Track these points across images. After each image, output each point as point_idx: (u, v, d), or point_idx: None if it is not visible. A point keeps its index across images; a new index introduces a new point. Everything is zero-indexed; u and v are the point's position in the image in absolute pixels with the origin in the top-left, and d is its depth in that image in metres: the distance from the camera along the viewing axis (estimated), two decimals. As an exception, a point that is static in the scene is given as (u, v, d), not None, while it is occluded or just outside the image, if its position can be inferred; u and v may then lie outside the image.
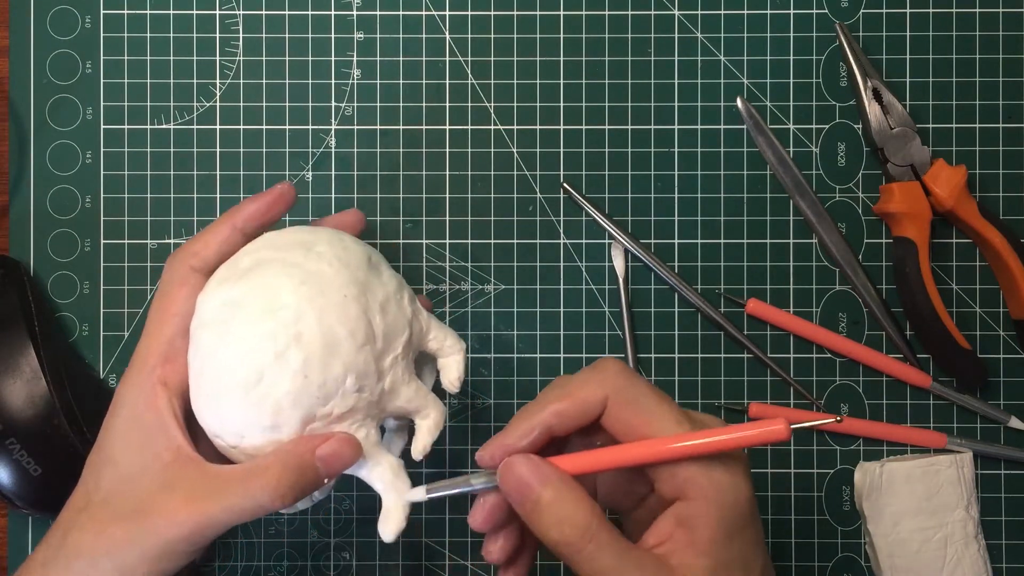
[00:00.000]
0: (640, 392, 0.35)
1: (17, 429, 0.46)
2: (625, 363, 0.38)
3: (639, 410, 0.35)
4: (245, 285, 0.37)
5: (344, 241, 0.39)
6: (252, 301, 0.37)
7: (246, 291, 0.37)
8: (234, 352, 0.36)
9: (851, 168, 0.51)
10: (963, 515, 0.50)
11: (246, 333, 0.36)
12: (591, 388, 0.36)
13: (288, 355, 0.36)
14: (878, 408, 0.51)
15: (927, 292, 0.49)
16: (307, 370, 0.36)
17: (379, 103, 0.51)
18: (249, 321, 0.37)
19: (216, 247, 0.40)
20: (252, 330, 0.36)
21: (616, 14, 0.51)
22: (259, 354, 0.36)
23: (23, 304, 0.48)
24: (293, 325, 0.36)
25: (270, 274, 0.37)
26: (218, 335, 0.37)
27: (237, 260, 0.39)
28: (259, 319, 0.36)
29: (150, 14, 0.51)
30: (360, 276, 0.38)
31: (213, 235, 0.40)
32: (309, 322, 0.36)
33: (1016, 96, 0.51)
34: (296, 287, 0.37)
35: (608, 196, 0.51)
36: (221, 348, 0.37)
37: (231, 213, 0.40)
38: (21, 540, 0.50)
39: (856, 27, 0.51)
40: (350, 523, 0.51)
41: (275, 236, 0.40)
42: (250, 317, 0.37)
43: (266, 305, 0.37)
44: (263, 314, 0.36)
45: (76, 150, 0.51)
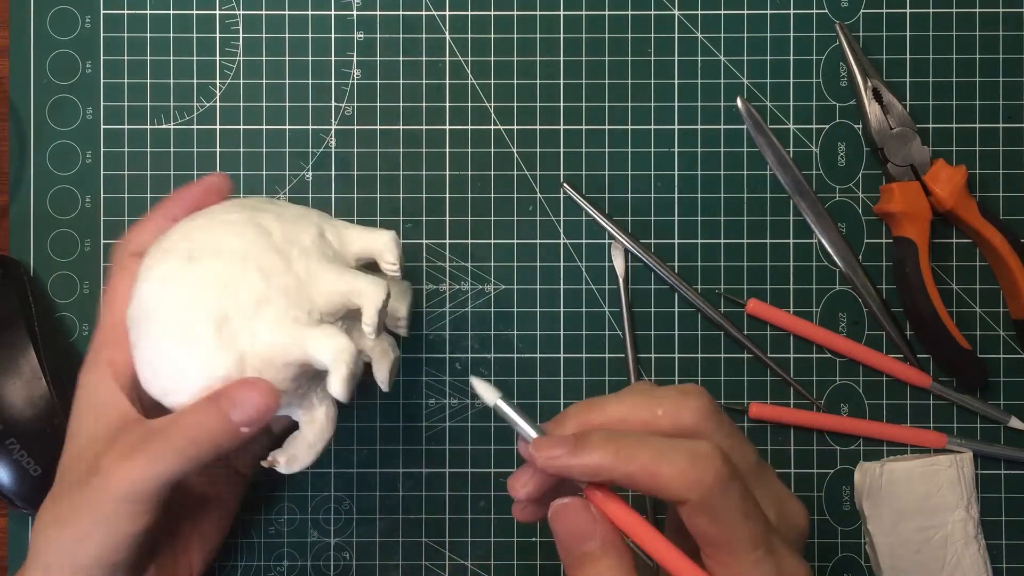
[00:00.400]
0: (729, 497, 0.32)
1: (17, 429, 0.46)
2: (731, 435, 0.34)
3: (715, 520, 0.32)
4: (155, 253, 0.39)
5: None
6: (160, 262, 0.38)
7: (156, 257, 0.39)
8: (155, 307, 0.38)
9: (851, 168, 0.51)
10: (963, 515, 0.50)
11: (157, 288, 0.38)
12: (674, 481, 0.32)
13: (188, 279, 0.37)
14: (878, 408, 0.51)
15: (927, 292, 0.49)
16: (204, 281, 0.37)
17: (379, 103, 0.51)
18: (159, 277, 0.38)
19: (152, 234, 0.41)
20: (162, 283, 0.38)
21: (616, 14, 0.51)
22: (169, 296, 0.37)
23: (23, 304, 0.48)
24: (188, 255, 0.38)
25: (174, 238, 0.39)
26: (137, 301, 0.38)
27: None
28: (165, 273, 0.38)
29: (150, 14, 0.51)
30: (248, 211, 0.39)
31: (149, 223, 0.41)
32: (201, 243, 0.38)
33: (1016, 96, 0.51)
34: (188, 232, 0.39)
35: (608, 196, 0.51)
36: (144, 311, 0.38)
37: (166, 204, 0.42)
38: (21, 540, 0.50)
39: (856, 27, 0.51)
40: (350, 523, 0.51)
41: None
42: (158, 274, 0.38)
43: (169, 260, 0.38)
44: (167, 267, 0.38)
45: (76, 150, 0.51)
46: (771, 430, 0.51)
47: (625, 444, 0.32)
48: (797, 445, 0.51)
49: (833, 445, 0.51)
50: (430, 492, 0.51)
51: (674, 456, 0.32)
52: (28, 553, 0.39)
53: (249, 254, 0.37)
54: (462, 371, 0.51)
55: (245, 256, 0.37)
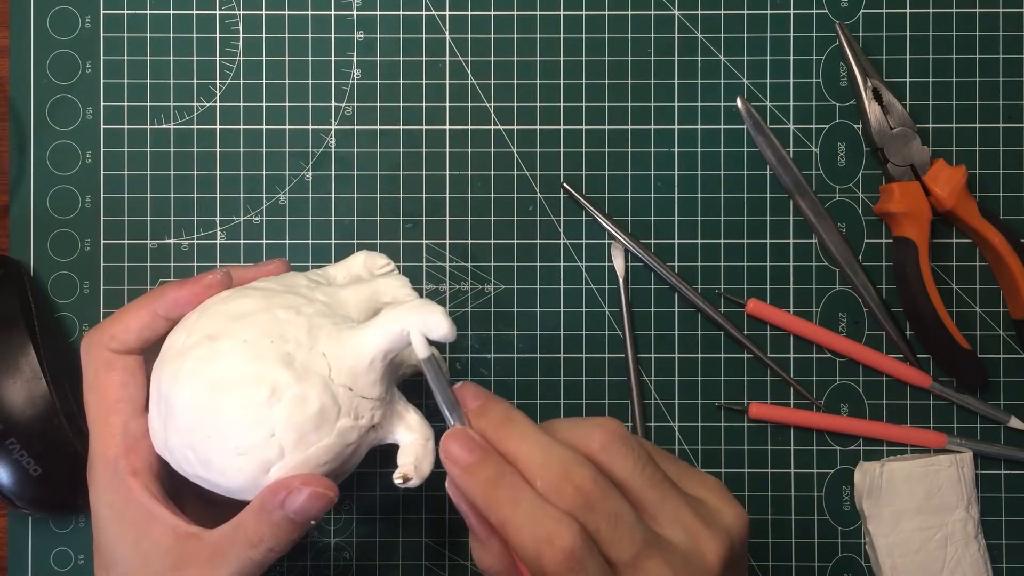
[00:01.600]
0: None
1: (17, 429, 0.46)
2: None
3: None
4: (176, 349, 0.37)
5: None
6: (190, 353, 0.36)
7: (182, 351, 0.37)
8: (219, 394, 0.36)
9: (851, 168, 0.51)
10: (963, 515, 0.50)
11: (210, 371, 0.36)
12: (524, 553, 0.33)
13: (234, 348, 0.36)
14: (878, 408, 0.51)
15: (927, 292, 0.49)
16: (248, 342, 0.36)
17: (379, 103, 0.51)
18: (202, 359, 0.36)
19: (137, 332, 0.38)
20: (209, 368, 0.36)
21: (616, 14, 0.51)
22: (226, 372, 0.36)
23: (23, 304, 0.48)
24: (210, 335, 0.36)
25: (186, 330, 0.37)
26: (188, 400, 0.36)
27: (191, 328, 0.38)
28: (204, 356, 0.36)
29: (150, 14, 0.51)
30: (232, 290, 0.39)
31: (133, 319, 0.39)
32: (214, 321, 0.37)
33: (1016, 96, 0.51)
34: (193, 323, 0.37)
35: (608, 196, 0.51)
36: (204, 408, 0.36)
37: (153, 297, 0.39)
38: (21, 540, 0.50)
39: (856, 27, 0.51)
40: (350, 523, 0.51)
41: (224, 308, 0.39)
42: (200, 358, 0.36)
43: (202, 345, 0.36)
44: (203, 352, 0.36)
45: (76, 150, 0.51)
46: (771, 430, 0.51)
47: (500, 496, 0.34)
48: (797, 445, 0.51)
49: (833, 445, 0.51)
50: (430, 492, 0.50)
51: (527, 531, 0.33)
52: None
53: (269, 304, 0.37)
54: (462, 371, 0.51)
55: (268, 307, 0.36)
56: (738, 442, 0.51)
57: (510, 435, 0.35)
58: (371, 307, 0.39)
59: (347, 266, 0.42)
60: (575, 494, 0.33)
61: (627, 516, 0.34)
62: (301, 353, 0.36)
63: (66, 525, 0.50)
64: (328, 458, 0.36)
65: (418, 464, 0.38)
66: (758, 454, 0.51)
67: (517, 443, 0.35)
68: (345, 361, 0.36)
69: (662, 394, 0.51)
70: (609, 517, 0.33)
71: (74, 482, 0.47)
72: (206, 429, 0.35)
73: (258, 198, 0.51)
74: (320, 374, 0.36)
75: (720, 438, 0.51)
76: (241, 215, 0.51)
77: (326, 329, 0.36)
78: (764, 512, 0.51)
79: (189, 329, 0.37)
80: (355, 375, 0.36)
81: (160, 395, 0.37)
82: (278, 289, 0.38)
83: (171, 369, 0.37)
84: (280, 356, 0.35)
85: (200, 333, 0.36)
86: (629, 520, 0.34)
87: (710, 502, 0.36)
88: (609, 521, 0.33)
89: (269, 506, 0.36)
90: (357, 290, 0.39)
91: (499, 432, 0.35)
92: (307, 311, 0.37)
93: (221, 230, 0.51)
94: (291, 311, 0.36)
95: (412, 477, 0.38)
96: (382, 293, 0.39)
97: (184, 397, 0.36)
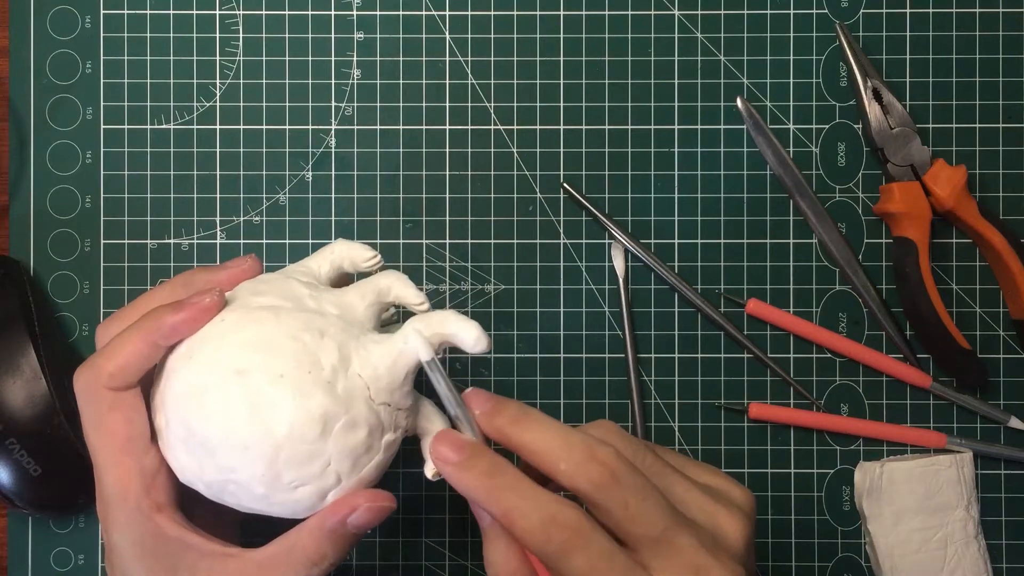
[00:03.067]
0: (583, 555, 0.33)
1: (17, 429, 0.46)
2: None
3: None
4: (201, 382, 0.36)
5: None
6: (224, 387, 0.35)
7: (205, 386, 0.36)
8: (258, 423, 0.35)
9: (851, 168, 0.51)
10: (963, 515, 0.50)
11: (250, 402, 0.35)
12: (525, 536, 0.33)
13: (264, 379, 0.35)
14: (878, 408, 0.51)
15: (927, 292, 0.49)
16: (281, 365, 0.35)
17: (379, 103, 0.51)
18: (244, 393, 0.35)
19: (137, 367, 0.36)
20: (247, 398, 0.35)
21: (616, 14, 0.51)
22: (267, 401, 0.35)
23: (23, 304, 0.48)
24: (237, 369, 0.35)
25: (203, 365, 0.36)
26: (220, 431, 0.35)
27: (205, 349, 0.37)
28: (237, 391, 0.35)
29: (150, 14, 0.51)
30: (237, 311, 0.37)
31: (132, 354, 0.36)
32: (238, 353, 0.35)
33: (1016, 96, 0.51)
34: (212, 357, 0.36)
35: (608, 196, 0.51)
36: (235, 436, 0.35)
37: (149, 327, 0.36)
38: (21, 540, 0.50)
39: (856, 27, 0.51)
40: (350, 523, 0.50)
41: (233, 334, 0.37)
42: (239, 394, 0.35)
43: (232, 381, 0.35)
44: (238, 386, 0.35)
45: (76, 150, 0.51)
46: (771, 430, 0.51)
47: (498, 484, 0.34)
48: (797, 445, 0.51)
49: (833, 445, 0.51)
50: (430, 492, 0.51)
51: (530, 515, 0.33)
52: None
53: (288, 328, 0.36)
54: (462, 371, 0.51)
55: (288, 332, 0.36)
56: (738, 442, 0.51)
57: (528, 427, 0.35)
58: (377, 308, 0.39)
59: (327, 259, 0.41)
60: (601, 470, 0.33)
61: (653, 491, 0.34)
62: (340, 379, 0.35)
63: (66, 525, 0.50)
64: (378, 473, 0.37)
65: None
66: (758, 454, 0.51)
67: (537, 433, 0.35)
68: (382, 380, 0.36)
69: (662, 394, 0.51)
70: (637, 491, 0.34)
71: (74, 482, 0.47)
72: (257, 467, 0.35)
73: (258, 198, 0.51)
74: (361, 396, 0.36)
75: (720, 438, 0.51)
76: (241, 215, 0.51)
77: (353, 346, 0.36)
78: (764, 512, 0.51)
79: (206, 362, 0.35)
80: (392, 391, 0.36)
81: (188, 431, 0.35)
82: (286, 306, 0.37)
83: (198, 406, 0.35)
84: (323, 387, 0.35)
85: (224, 367, 0.35)
86: (656, 495, 0.34)
87: (718, 485, 0.37)
88: (637, 495, 0.34)
89: (332, 525, 0.36)
90: (361, 292, 0.39)
91: (517, 426, 0.35)
92: (330, 331, 0.36)
93: (221, 230, 0.51)
94: (315, 333, 0.36)
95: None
96: (384, 292, 0.39)
97: (227, 438, 0.35)
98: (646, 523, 0.33)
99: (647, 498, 0.34)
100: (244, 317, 0.36)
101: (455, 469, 0.35)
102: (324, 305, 0.38)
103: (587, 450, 0.34)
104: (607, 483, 0.33)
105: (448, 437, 0.35)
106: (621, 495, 0.33)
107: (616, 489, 0.33)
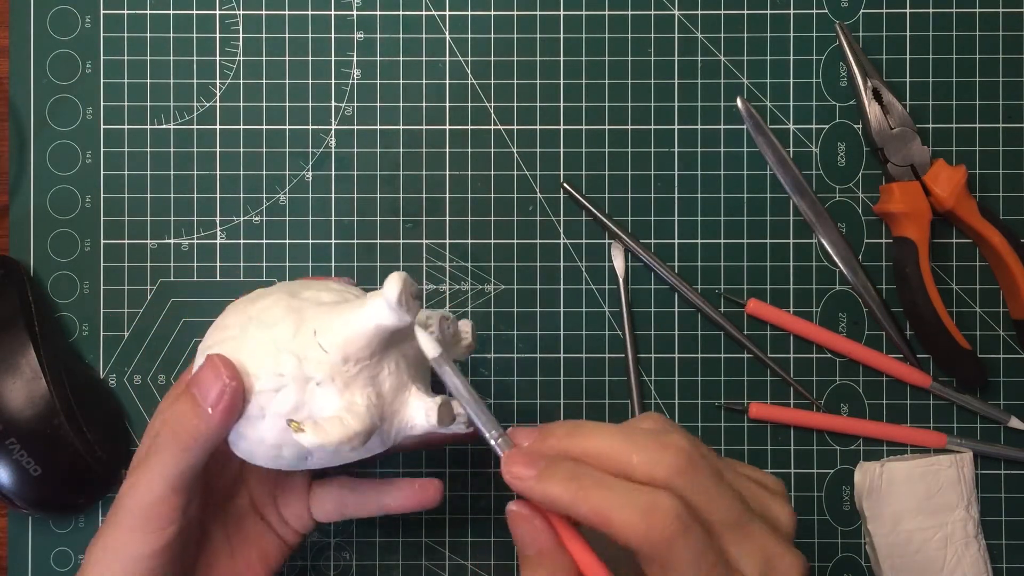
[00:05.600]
0: (678, 552, 0.32)
1: (17, 429, 0.46)
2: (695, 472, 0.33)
3: (665, 570, 0.32)
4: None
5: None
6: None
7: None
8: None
9: (851, 168, 0.51)
10: (963, 515, 0.50)
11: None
12: (624, 530, 0.32)
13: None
14: (878, 408, 0.51)
15: (927, 292, 0.49)
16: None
17: (379, 103, 0.51)
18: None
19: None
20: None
21: (616, 14, 0.51)
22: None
23: (23, 304, 0.48)
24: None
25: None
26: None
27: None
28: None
29: (150, 14, 0.51)
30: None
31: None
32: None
33: (1016, 96, 0.51)
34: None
35: (608, 196, 0.51)
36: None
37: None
38: (21, 540, 0.50)
39: (856, 27, 0.51)
40: (350, 523, 0.50)
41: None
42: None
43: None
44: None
45: (76, 150, 0.51)
46: (771, 430, 0.51)
47: (585, 484, 0.33)
48: (797, 445, 0.51)
49: (833, 445, 0.51)
50: (430, 492, 0.50)
51: (627, 506, 0.32)
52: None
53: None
54: (462, 371, 0.51)
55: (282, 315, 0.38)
56: (738, 442, 0.51)
57: (585, 434, 0.34)
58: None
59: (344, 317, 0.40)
60: (677, 454, 0.33)
61: (723, 477, 0.34)
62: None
63: (66, 525, 0.50)
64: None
65: (317, 427, 0.36)
66: (758, 454, 0.51)
67: (597, 437, 0.34)
68: (338, 336, 0.37)
69: (662, 394, 0.51)
70: (712, 475, 0.33)
71: (74, 482, 0.47)
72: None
73: (258, 198, 0.51)
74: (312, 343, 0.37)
75: (720, 438, 0.51)
76: (241, 215, 0.51)
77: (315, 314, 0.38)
78: (764, 512, 0.51)
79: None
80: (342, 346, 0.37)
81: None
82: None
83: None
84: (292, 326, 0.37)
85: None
86: (726, 481, 0.34)
87: (755, 476, 0.36)
88: (713, 478, 0.33)
89: (182, 388, 0.38)
90: (340, 316, 0.38)
91: (573, 438, 0.34)
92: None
93: (221, 230, 0.51)
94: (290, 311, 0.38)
95: (303, 435, 0.36)
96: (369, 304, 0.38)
97: None
98: (722, 507, 0.33)
99: (721, 483, 0.33)
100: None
101: (536, 483, 0.33)
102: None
103: (655, 439, 0.33)
104: (686, 467, 0.33)
105: (517, 455, 0.34)
106: (701, 479, 0.33)
107: (695, 474, 0.33)
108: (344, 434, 0.36)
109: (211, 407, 0.36)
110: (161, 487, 0.37)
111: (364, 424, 0.36)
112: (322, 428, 0.35)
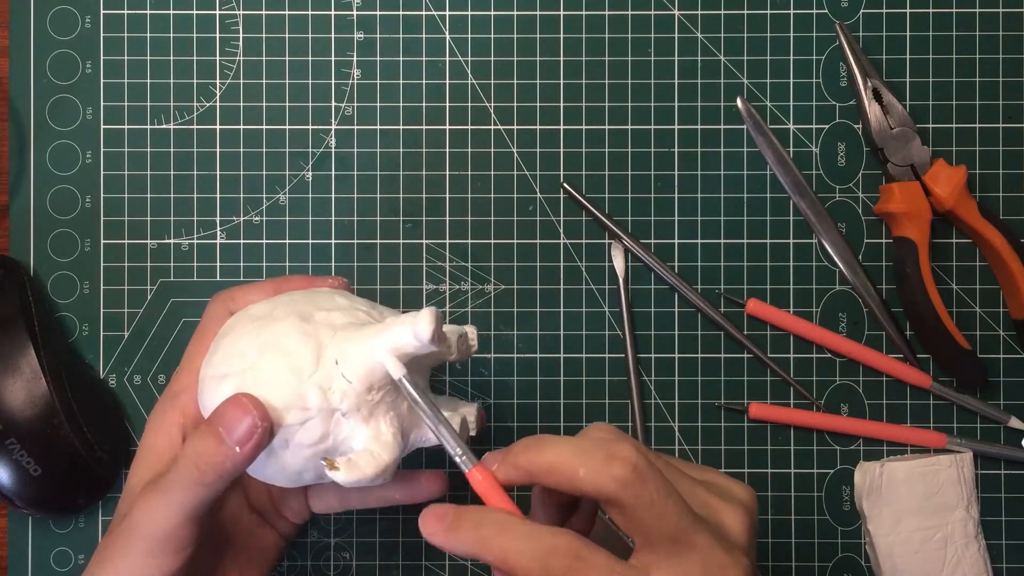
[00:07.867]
0: (642, 504, 0.33)
1: (17, 429, 0.46)
2: (636, 453, 0.34)
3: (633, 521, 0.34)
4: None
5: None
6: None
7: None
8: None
9: (851, 168, 0.51)
10: (963, 515, 0.50)
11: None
12: (590, 485, 0.34)
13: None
14: (878, 408, 0.51)
15: (927, 292, 0.49)
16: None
17: (379, 103, 0.51)
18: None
19: (257, 300, 0.41)
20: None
21: (616, 14, 0.51)
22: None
23: (23, 304, 0.48)
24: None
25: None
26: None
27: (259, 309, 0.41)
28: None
29: (150, 14, 0.51)
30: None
31: (257, 290, 0.42)
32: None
33: (1016, 96, 0.51)
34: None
35: (608, 196, 0.51)
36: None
37: (279, 281, 0.43)
38: (21, 540, 0.50)
39: (856, 27, 0.51)
40: (350, 523, 0.51)
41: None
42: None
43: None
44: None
45: (76, 150, 0.51)
46: (771, 430, 0.51)
47: (487, 533, 0.34)
48: (797, 445, 0.51)
49: (833, 445, 0.51)
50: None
51: (525, 552, 0.33)
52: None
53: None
54: (462, 371, 0.51)
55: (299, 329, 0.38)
56: (738, 442, 0.51)
57: (540, 448, 0.35)
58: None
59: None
60: (624, 466, 0.33)
61: (673, 488, 0.34)
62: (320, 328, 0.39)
63: (66, 525, 0.50)
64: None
65: (351, 464, 0.37)
66: (758, 454, 0.51)
67: (549, 451, 0.35)
68: (354, 361, 0.38)
69: (662, 394, 0.51)
70: (659, 487, 0.33)
71: (74, 482, 0.47)
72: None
73: (258, 198, 0.51)
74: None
75: (720, 438, 0.51)
76: (241, 215, 0.51)
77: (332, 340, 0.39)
78: (764, 512, 0.51)
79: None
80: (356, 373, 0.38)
81: None
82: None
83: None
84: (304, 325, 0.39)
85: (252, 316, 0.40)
86: (675, 491, 0.34)
87: (717, 483, 0.37)
88: (660, 490, 0.33)
89: (206, 423, 0.38)
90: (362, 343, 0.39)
91: (529, 452, 0.35)
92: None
93: (221, 230, 0.51)
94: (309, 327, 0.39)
95: (337, 473, 0.36)
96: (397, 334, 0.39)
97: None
98: (669, 520, 0.33)
99: (669, 494, 0.34)
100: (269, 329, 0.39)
101: (446, 536, 0.35)
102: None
103: (603, 451, 0.34)
104: (632, 479, 0.33)
105: (429, 512, 0.35)
106: (647, 490, 0.33)
107: (641, 485, 0.33)
108: (377, 468, 0.37)
109: (238, 445, 0.36)
110: (179, 517, 0.37)
111: (394, 455, 0.38)
112: (356, 466, 0.37)
